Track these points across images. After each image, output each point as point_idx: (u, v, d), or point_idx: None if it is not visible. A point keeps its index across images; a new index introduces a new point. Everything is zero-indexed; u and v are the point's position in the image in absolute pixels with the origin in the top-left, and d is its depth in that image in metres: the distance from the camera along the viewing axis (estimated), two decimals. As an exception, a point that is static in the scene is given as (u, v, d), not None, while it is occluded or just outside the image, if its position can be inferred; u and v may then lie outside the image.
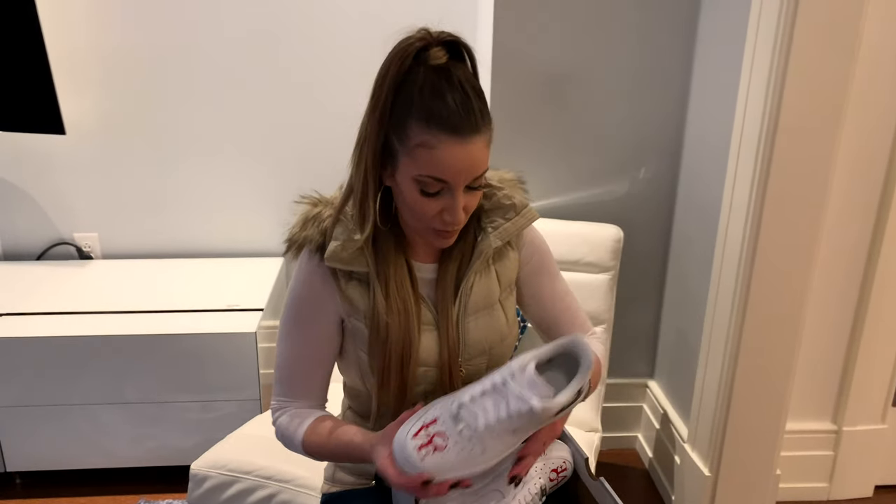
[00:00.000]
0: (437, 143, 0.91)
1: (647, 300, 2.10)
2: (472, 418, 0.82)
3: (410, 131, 0.92)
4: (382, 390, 1.05)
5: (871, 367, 1.91)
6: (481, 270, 1.10)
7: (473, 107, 0.92)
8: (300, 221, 1.07)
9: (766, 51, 1.47)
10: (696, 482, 1.80)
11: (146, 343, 1.83)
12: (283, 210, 2.36)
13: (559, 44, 1.82)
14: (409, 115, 0.92)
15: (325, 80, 2.23)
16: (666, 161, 1.95)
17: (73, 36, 2.13)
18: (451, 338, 1.07)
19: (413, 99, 0.92)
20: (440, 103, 0.91)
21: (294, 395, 1.11)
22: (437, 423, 0.85)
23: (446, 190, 0.95)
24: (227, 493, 1.46)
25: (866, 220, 1.79)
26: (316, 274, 1.06)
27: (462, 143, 0.91)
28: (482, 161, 0.95)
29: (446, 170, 0.92)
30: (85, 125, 2.22)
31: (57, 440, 1.89)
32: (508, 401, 0.83)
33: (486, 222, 1.09)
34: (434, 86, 0.92)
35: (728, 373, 1.66)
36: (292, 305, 1.09)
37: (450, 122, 0.90)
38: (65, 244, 2.33)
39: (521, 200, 1.11)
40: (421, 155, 0.92)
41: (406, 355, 1.03)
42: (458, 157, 0.92)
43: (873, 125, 1.71)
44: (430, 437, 0.84)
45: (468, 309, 1.08)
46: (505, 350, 1.15)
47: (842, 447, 1.96)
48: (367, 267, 1.03)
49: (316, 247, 1.05)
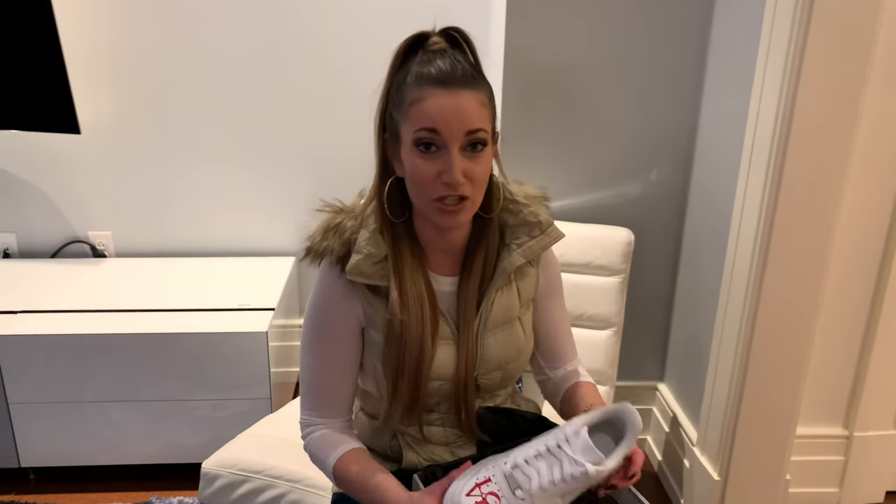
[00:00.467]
0: (425, 95, 0.95)
1: (657, 303, 2.09)
2: (525, 480, 0.84)
3: (405, 96, 0.97)
4: (395, 398, 1.05)
5: (884, 372, 1.89)
6: (503, 287, 1.10)
7: (461, 67, 0.96)
8: (321, 230, 1.07)
9: (780, 51, 1.46)
10: (705, 486, 1.80)
11: (158, 341, 1.85)
12: (296, 209, 2.37)
13: (571, 45, 1.81)
14: (404, 84, 0.98)
15: (338, 78, 2.24)
16: (678, 163, 1.94)
17: (89, 36, 2.14)
18: (470, 353, 1.07)
19: (410, 71, 0.98)
20: (429, 66, 0.96)
21: (320, 410, 1.11)
22: (492, 483, 0.86)
23: (442, 148, 0.96)
24: (238, 493, 1.47)
25: (880, 223, 1.78)
26: (337, 286, 1.06)
27: (449, 93, 0.95)
28: (474, 116, 0.96)
29: (435, 117, 0.94)
30: (100, 125, 2.24)
31: (70, 436, 1.92)
32: (563, 464, 0.85)
33: (511, 239, 1.10)
34: (428, 59, 0.97)
35: (738, 376, 1.66)
36: (314, 317, 1.09)
37: (437, 76, 0.95)
38: (79, 242, 2.35)
39: (547, 219, 1.11)
40: (413, 112, 0.96)
41: (420, 360, 1.03)
42: (445, 105, 0.94)
43: (887, 131, 1.70)
44: (483, 497, 0.85)
45: (488, 324, 1.08)
46: (520, 365, 1.15)
47: (853, 452, 1.95)
48: (387, 279, 1.03)
49: (337, 258, 1.05)
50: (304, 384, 1.12)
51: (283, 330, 2.11)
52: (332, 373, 1.09)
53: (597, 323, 1.78)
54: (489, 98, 1.00)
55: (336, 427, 1.11)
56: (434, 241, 1.08)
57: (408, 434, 1.12)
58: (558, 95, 1.86)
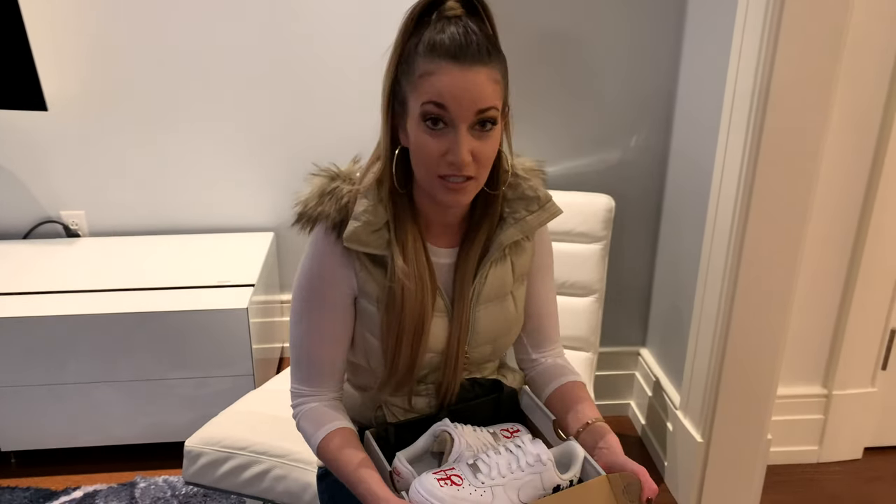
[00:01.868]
0: (436, 68, 0.91)
1: (639, 269, 2.10)
2: (486, 469, 0.94)
3: (416, 66, 0.93)
4: (393, 368, 1.04)
5: (861, 332, 1.92)
6: (497, 260, 1.08)
7: (476, 39, 0.92)
8: (316, 194, 1.03)
9: (757, 14, 1.45)
10: (688, 448, 1.82)
11: (138, 321, 1.82)
12: (272, 184, 2.34)
13: (547, 11, 1.79)
14: (416, 53, 0.93)
15: (312, 53, 2.19)
16: (658, 128, 1.94)
17: (53, 9, 2.08)
18: (463, 326, 1.06)
19: (422, 39, 0.93)
20: (442, 35, 0.91)
21: (311, 381, 1.09)
22: (455, 470, 0.95)
23: (450, 125, 0.93)
24: (222, 469, 1.47)
25: (857, 188, 1.79)
26: (332, 253, 1.03)
27: (461, 69, 0.91)
28: (486, 94, 0.93)
29: (445, 94, 0.91)
30: (68, 101, 2.18)
31: (51, 419, 1.89)
32: (519, 457, 0.95)
33: (508, 213, 1.07)
34: (442, 27, 0.93)
35: (720, 339, 1.67)
36: (306, 285, 1.06)
37: (450, 49, 0.91)
38: (51, 222, 2.30)
39: (546, 194, 1.09)
40: (423, 84, 0.92)
41: (420, 329, 1.02)
42: (457, 82, 0.91)
43: (865, 92, 1.70)
44: (448, 476, 0.93)
45: (480, 298, 1.07)
46: (509, 340, 1.14)
47: (832, 411, 1.98)
48: (387, 247, 1.01)
49: (333, 224, 1.02)
50: (295, 354, 1.09)
51: (263, 306, 2.09)
52: (324, 343, 1.07)
53: (579, 290, 1.78)
54: (503, 74, 0.96)
55: (327, 399, 1.10)
56: (434, 213, 1.06)
57: (394, 405, 1.12)
58: (535, 63, 1.84)
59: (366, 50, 2.18)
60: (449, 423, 1.02)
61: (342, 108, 2.25)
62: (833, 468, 2.03)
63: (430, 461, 1.03)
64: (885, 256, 1.84)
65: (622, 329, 2.16)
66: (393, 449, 1.01)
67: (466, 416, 1.07)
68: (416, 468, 0.97)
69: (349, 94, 2.24)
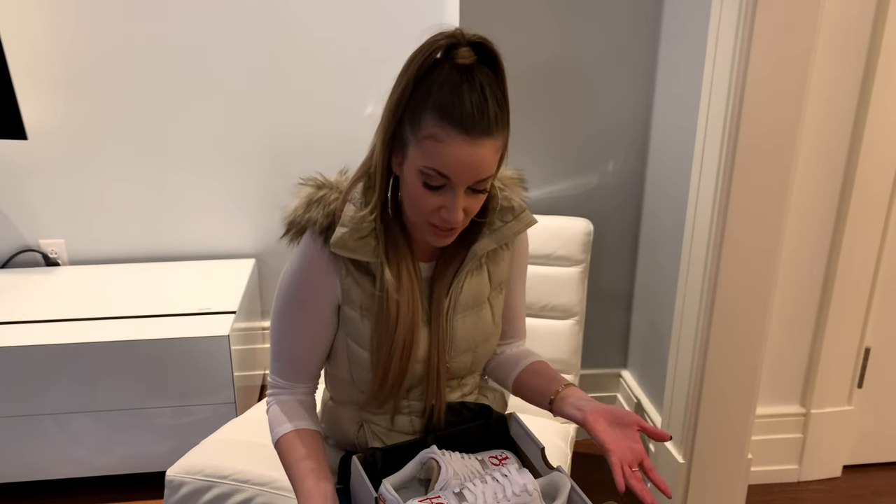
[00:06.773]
0: (445, 137, 0.91)
1: (618, 292, 2.12)
2: (472, 498, 0.94)
3: (423, 122, 0.92)
4: (383, 380, 1.05)
5: (837, 351, 1.95)
6: (473, 270, 1.10)
7: (489, 109, 0.92)
8: (304, 203, 1.05)
9: (728, 39, 1.49)
10: (670, 469, 1.83)
11: (117, 349, 1.81)
12: (252, 210, 2.34)
13: (523, 39, 1.83)
14: (424, 107, 0.92)
15: (296, 81, 2.21)
16: (634, 154, 1.97)
17: (32, 38, 2.08)
18: (442, 335, 1.07)
19: (431, 92, 0.92)
20: (456, 99, 0.90)
21: (287, 375, 1.12)
22: (441, 498, 0.96)
23: (448, 187, 0.94)
24: (204, 499, 1.45)
25: (829, 210, 1.83)
26: (318, 257, 1.05)
27: (470, 142, 0.91)
28: (488, 165, 0.94)
29: (450, 165, 0.92)
30: (47, 130, 2.18)
31: (28, 451, 1.86)
32: (505, 487, 0.96)
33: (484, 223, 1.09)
34: (454, 83, 0.91)
35: (699, 361, 1.69)
36: (291, 286, 1.07)
37: (462, 119, 0.90)
38: (30, 251, 2.29)
39: (520, 204, 1.11)
40: (429, 147, 0.92)
41: (410, 341, 1.04)
42: (463, 155, 0.91)
43: (834, 112, 1.74)
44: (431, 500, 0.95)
45: (457, 307, 1.09)
46: (489, 348, 1.16)
47: (810, 429, 2.01)
48: (374, 255, 1.02)
49: (321, 229, 1.04)
50: (273, 349, 1.12)
51: (245, 333, 2.08)
52: (302, 341, 1.09)
53: (559, 313, 1.79)
54: (506, 137, 0.98)
55: (300, 394, 1.13)
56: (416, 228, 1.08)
57: (375, 424, 1.13)
58: (514, 91, 1.85)
59: (348, 84, 2.21)
60: (436, 451, 1.02)
61: (322, 138, 2.27)
62: (813, 486, 2.05)
63: (417, 488, 1.04)
64: (857, 277, 1.88)
65: (603, 351, 2.18)
66: (380, 475, 1.02)
67: (454, 441, 1.08)
68: (402, 495, 0.97)
69: (329, 125, 2.26)
